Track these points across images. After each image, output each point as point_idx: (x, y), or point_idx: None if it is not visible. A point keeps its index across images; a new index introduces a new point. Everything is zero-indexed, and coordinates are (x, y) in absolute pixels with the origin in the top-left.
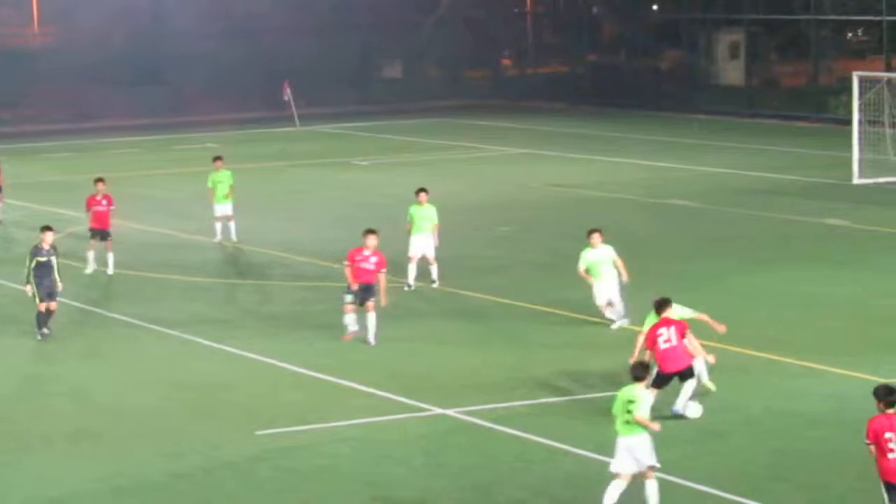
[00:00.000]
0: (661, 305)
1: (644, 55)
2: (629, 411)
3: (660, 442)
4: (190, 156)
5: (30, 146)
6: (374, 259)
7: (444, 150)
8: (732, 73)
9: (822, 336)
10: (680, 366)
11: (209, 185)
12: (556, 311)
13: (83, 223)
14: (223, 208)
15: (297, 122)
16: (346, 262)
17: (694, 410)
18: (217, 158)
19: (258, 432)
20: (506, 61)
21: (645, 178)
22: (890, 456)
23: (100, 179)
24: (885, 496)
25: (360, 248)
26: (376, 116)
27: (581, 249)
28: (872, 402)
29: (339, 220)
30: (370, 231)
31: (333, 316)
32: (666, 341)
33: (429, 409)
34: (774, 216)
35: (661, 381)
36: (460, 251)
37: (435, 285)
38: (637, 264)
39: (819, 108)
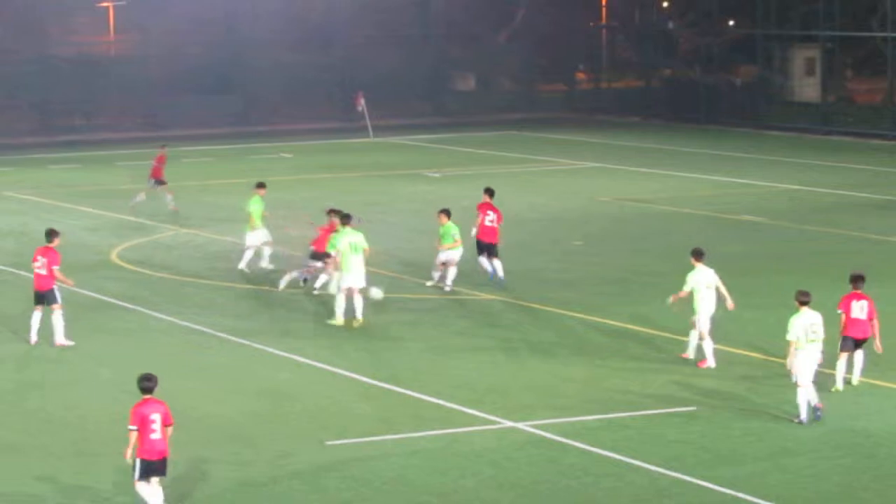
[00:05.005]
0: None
1: (719, 70)
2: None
3: (729, 459)
4: (263, 166)
5: (104, 154)
6: None
7: (517, 163)
8: (808, 89)
9: (893, 354)
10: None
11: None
12: (629, 326)
13: (161, 231)
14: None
15: (371, 133)
16: None
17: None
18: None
19: (328, 442)
20: (580, 75)
21: (717, 193)
22: None
23: (54, 232)
24: None
25: None
26: (449, 128)
27: (657, 265)
28: None
29: (410, 231)
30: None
31: (402, 328)
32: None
33: (499, 422)
34: (846, 234)
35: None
36: (533, 264)
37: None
38: None
39: (895, 125)
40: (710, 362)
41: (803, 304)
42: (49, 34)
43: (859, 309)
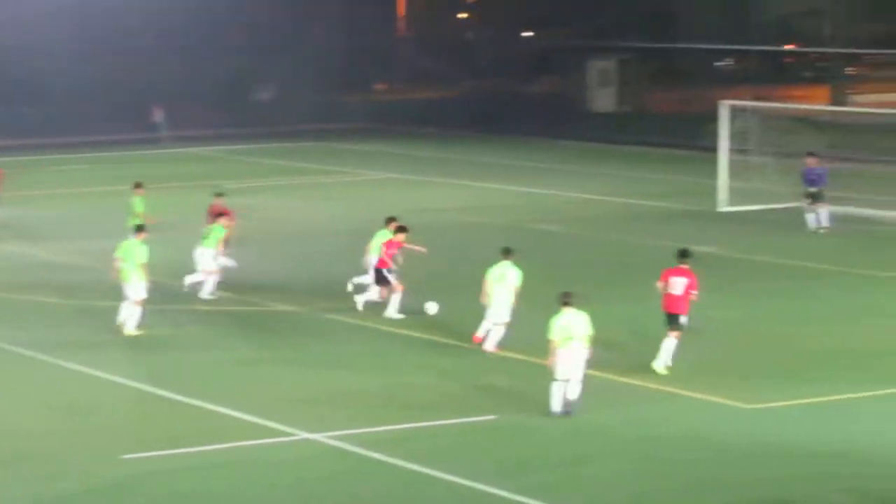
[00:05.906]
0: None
1: (518, 81)
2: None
3: (528, 467)
4: (57, 177)
5: None
6: None
7: (317, 174)
8: (604, 99)
9: (687, 361)
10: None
11: None
12: (427, 336)
13: None
14: None
15: (167, 145)
16: None
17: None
18: None
19: (125, 456)
20: (380, 86)
21: (514, 203)
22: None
23: None
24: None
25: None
26: (249, 139)
27: (453, 274)
28: (736, 424)
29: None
30: None
31: (201, 339)
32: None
33: (297, 434)
34: (642, 243)
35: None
36: (329, 276)
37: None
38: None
39: (690, 135)
40: (490, 345)
41: (565, 304)
42: None
43: (673, 285)
